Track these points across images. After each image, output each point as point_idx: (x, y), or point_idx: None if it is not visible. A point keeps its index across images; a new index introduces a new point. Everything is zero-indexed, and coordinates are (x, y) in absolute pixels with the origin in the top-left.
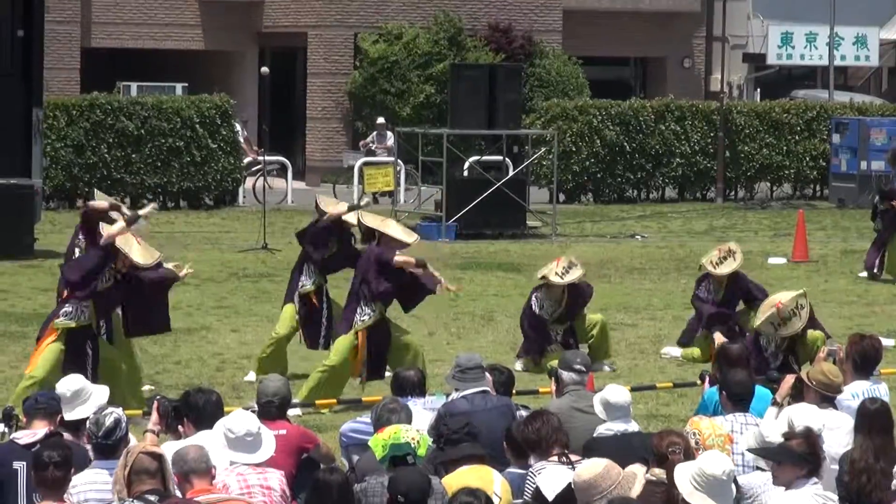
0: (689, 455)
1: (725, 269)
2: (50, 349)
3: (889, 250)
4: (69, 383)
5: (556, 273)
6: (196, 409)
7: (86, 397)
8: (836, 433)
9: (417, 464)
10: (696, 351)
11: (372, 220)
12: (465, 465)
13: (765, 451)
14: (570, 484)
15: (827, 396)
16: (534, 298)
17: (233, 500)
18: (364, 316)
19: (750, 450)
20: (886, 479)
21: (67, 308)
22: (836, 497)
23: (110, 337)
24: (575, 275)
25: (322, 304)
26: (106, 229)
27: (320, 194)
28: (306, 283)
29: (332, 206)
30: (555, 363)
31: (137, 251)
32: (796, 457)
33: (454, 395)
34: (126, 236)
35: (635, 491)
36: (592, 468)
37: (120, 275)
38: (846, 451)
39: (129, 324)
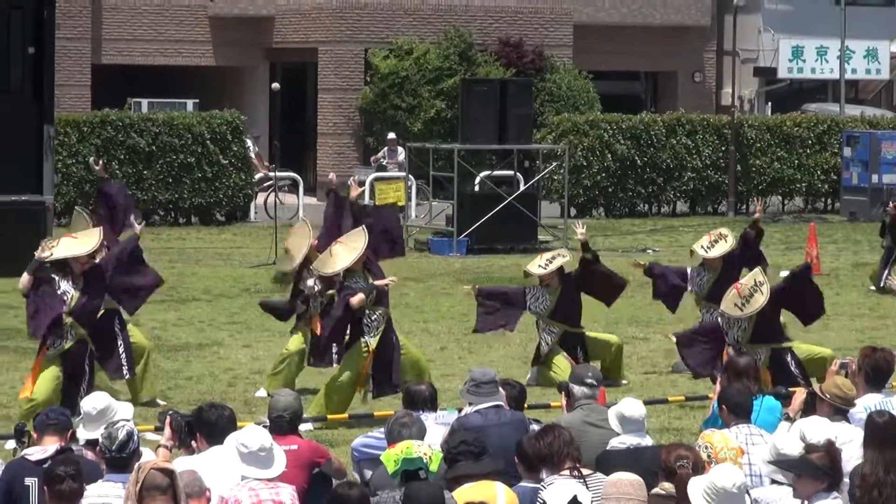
0: (698, 469)
1: (717, 251)
2: (47, 372)
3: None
4: (95, 402)
5: (539, 265)
6: (209, 425)
7: (111, 415)
8: (849, 447)
9: (430, 479)
10: None
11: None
12: (469, 482)
13: (786, 463)
14: (575, 497)
15: (840, 409)
16: (529, 289)
17: None
18: (368, 341)
19: (771, 462)
20: None
21: (54, 338)
22: None
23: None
24: (559, 262)
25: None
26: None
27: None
28: (315, 309)
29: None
30: (557, 371)
31: (74, 246)
32: (817, 470)
33: (467, 410)
34: (59, 242)
35: None
36: (627, 476)
37: (83, 278)
38: (857, 465)
39: (126, 304)
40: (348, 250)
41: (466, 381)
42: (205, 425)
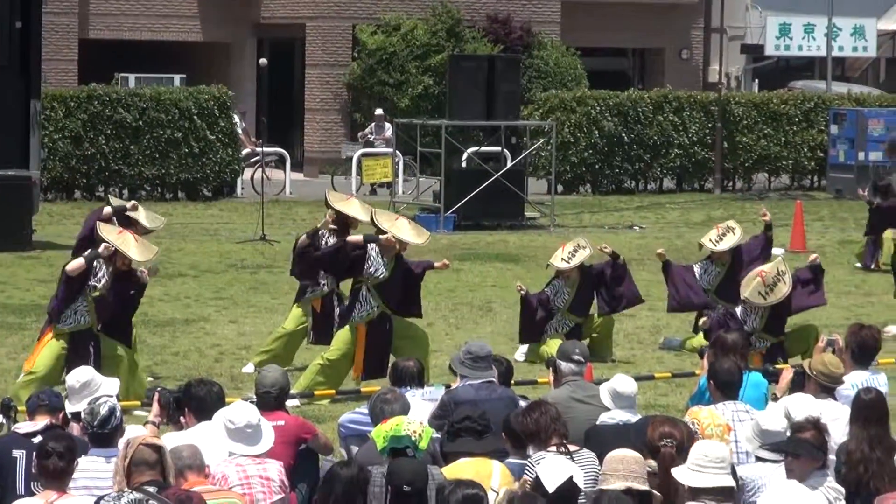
0: (683, 446)
1: (726, 244)
2: (51, 347)
3: (885, 242)
4: (79, 375)
5: (563, 258)
6: (197, 400)
7: (95, 388)
8: (835, 424)
9: (417, 457)
10: (697, 340)
11: (385, 220)
12: (467, 458)
13: (783, 444)
14: (571, 477)
15: (827, 387)
16: (550, 286)
17: (226, 492)
18: (363, 311)
19: (766, 446)
20: (883, 469)
21: (68, 313)
22: (843, 491)
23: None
24: (581, 257)
25: (332, 304)
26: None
27: (329, 190)
28: (315, 290)
29: (341, 204)
30: (552, 351)
31: (135, 249)
32: (813, 449)
33: (460, 383)
34: (124, 235)
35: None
36: (627, 452)
37: (116, 278)
38: (843, 442)
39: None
40: (418, 232)
41: (462, 353)
42: (193, 401)
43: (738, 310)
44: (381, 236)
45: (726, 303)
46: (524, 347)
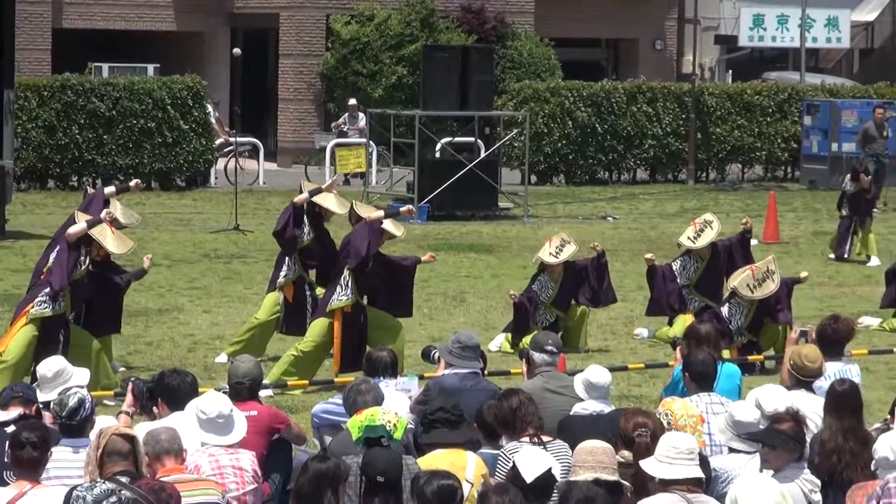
0: (657, 437)
1: (704, 240)
2: (23, 333)
3: (863, 233)
4: (51, 364)
5: (551, 253)
6: (170, 390)
7: (66, 378)
8: (810, 416)
9: (392, 447)
10: (671, 331)
11: (364, 211)
12: (440, 449)
13: (760, 434)
14: (549, 469)
15: (802, 381)
16: (536, 282)
17: (202, 482)
18: (340, 298)
19: (743, 436)
20: (856, 460)
21: (42, 298)
22: (819, 483)
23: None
24: (569, 252)
25: (304, 294)
26: (80, 218)
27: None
28: (289, 275)
29: (318, 197)
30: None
31: (112, 241)
32: (790, 441)
33: (446, 371)
34: (102, 226)
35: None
36: (598, 444)
37: (93, 265)
38: (816, 432)
39: (85, 322)
40: (396, 224)
41: (451, 342)
42: (166, 391)
43: (724, 309)
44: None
45: (704, 297)
46: (499, 338)
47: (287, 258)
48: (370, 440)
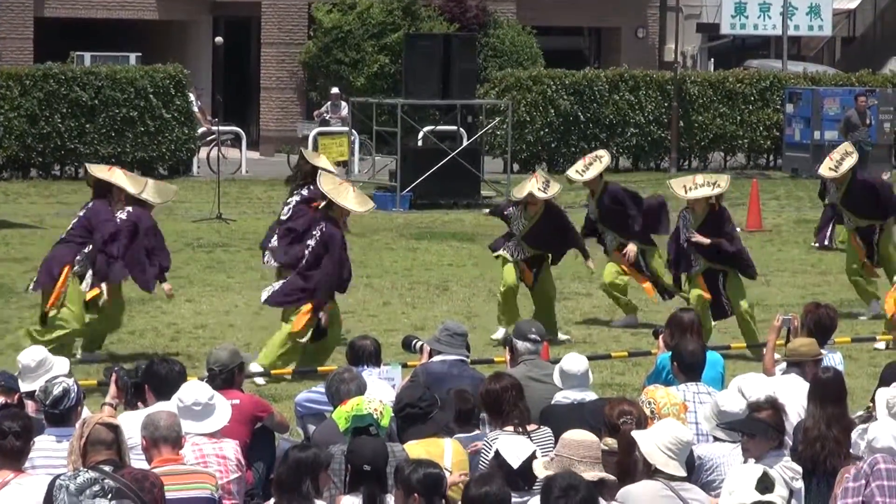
0: (641, 424)
1: (592, 172)
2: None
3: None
4: (33, 354)
5: (539, 188)
6: (158, 379)
7: (49, 367)
8: (793, 402)
9: (381, 434)
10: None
11: (328, 184)
12: (415, 440)
13: (738, 423)
14: (534, 453)
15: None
16: (511, 209)
17: (196, 474)
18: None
19: (721, 425)
20: (840, 448)
21: (80, 258)
22: (800, 470)
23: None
24: (554, 190)
25: None
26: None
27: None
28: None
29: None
30: (508, 276)
31: (125, 180)
32: (769, 429)
33: (435, 359)
34: (112, 171)
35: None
36: (584, 435)
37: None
38: (799, 420)
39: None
40: (362, 200)
41: (439, 330)
42: (153, 378)
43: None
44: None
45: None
46: (501, 331)
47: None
48: (358, 429)
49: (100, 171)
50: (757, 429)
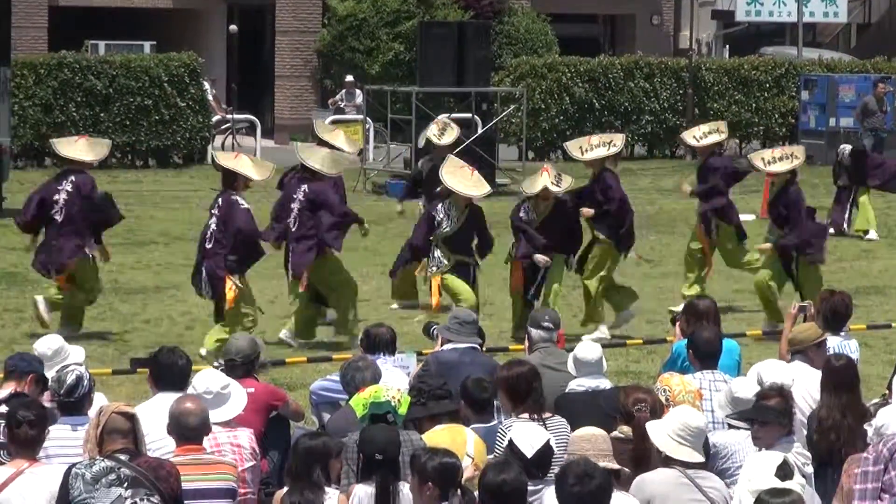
0: (656, 412)
1: (594, 154)
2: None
3: (861, 205)
4: (50, 342)
5: (552, 182)
6: (160, 367)
7: (65, 355)
8: (810, 389)
9: (398, 422)
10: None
11: (223, 158)
12: (440, 425)
13: (749, 412)
14: (548, 441)
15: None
16: (522, 208)
17: (219, 464)
18: None
19: (733, 415)
20: (854, 436)
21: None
22: (810, 456)
23: None
24: (567, 183)
25: None
26: None
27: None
28: None
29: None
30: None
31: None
32: (780, 415)
33: (446, 347)
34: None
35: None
36: (593, 431)
37: None
38: (813, 410)
39: None
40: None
41: (449, 318)
42: (156, 367)
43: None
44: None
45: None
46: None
47: None
48: (376, 416)
49: (226, 159)
50: (769, 416)
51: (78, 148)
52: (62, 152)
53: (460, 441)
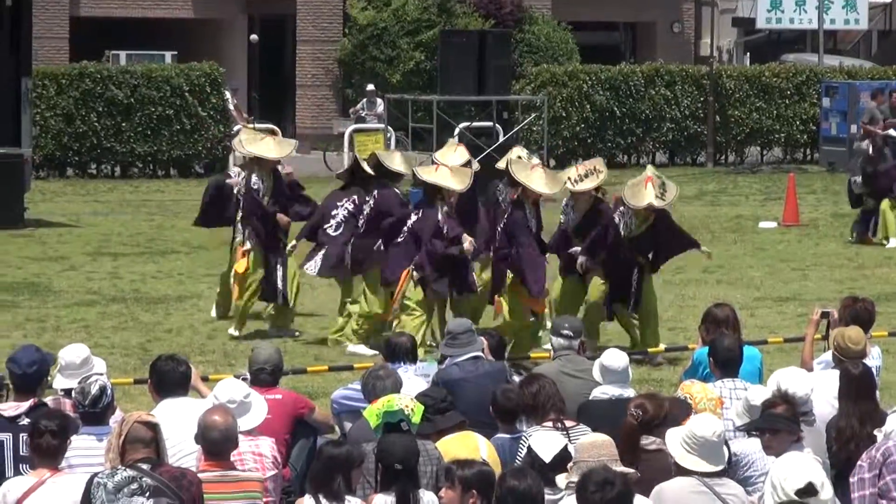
0: (653, 422)
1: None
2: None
3: (882, 212)
4: (78, 351)
5: (571, 179)
6: (160, 374)
7: (91, 365)
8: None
9: (412, 430)
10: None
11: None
12: (449, 434)
13: (758, 421)
14: (565, 446)
15: (842, 360)
16: (563, 205)
17: (245, 482)
18: None
19: (741, 427)
20: (873, 445)
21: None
22: (820, 461)
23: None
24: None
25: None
26: None
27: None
28: None
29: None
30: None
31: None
32: (789, 423)
33: (447, 363)
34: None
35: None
36: (598, 437)
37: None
38: (831, 418)
39: None
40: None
41: (444, 336)
42: (156, 374)
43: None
44: None
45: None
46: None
47: None
48: (389, 425)
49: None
50: (779, 424)
51: (265, 145)
52: (247, 149)
53: (472, 447)
